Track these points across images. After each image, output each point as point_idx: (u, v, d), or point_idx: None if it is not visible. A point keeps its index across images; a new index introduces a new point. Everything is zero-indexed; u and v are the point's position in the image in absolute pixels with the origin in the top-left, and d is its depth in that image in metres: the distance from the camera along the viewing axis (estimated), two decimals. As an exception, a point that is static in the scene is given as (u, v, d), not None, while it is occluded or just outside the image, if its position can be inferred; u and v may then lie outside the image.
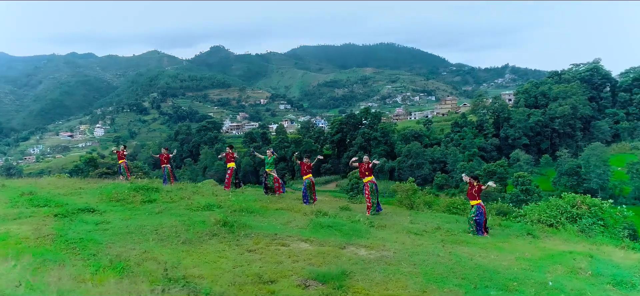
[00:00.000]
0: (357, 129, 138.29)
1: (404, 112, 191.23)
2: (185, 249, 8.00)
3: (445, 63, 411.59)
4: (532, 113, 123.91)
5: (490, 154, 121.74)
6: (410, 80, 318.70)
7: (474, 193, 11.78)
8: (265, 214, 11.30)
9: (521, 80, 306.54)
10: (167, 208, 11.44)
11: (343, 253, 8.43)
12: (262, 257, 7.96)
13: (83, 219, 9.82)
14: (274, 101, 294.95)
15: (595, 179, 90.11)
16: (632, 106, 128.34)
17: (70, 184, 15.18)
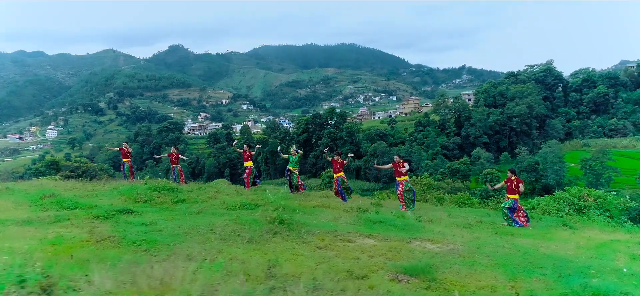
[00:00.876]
0: (323, 128, 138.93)
1: (367, 112, 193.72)
2: (254, 247, 7.78)
3: (405, 64, 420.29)
4: (492, 112, 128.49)
5: (453, 153, 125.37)
6: (372, 80, 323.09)
7: (513, 187, 12.08)
8: (308, 212, 11.17)
9: (477, 80, 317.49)
10: (204, 208, 11.09)
11: (412, 247, 8.46)
12: (337, 254, 7.88)
13: (126, 220, 9.37)
14: (236, 101, 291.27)
15: (552, 175, 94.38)
16: (582, 106, 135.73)
17: (72, 186, 14.42)
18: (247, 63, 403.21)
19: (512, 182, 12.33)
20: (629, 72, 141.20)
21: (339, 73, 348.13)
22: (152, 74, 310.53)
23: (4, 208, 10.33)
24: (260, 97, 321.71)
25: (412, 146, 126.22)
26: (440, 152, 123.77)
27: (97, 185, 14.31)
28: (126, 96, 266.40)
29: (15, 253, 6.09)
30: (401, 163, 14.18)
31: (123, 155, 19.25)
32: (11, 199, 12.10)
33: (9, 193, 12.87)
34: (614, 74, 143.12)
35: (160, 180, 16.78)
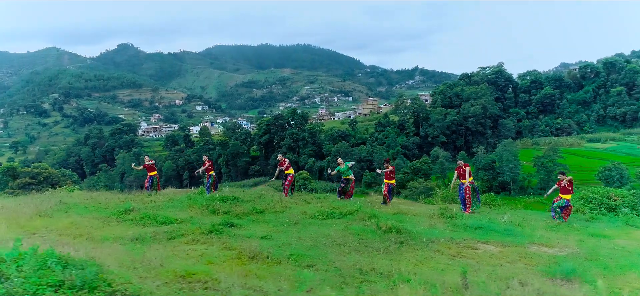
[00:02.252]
0: (285, 130, 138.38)
1: (327, 113, 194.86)
2: (394, 258, 7.69)
3: (360, 65, 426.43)
4: (448, 113, 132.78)
5: (412, 152, 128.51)
6: (328, 81, 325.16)
7: (567, 187, 12.44)
8: (400, 220, 10.92)
9: (430, 82, 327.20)
10: (294, 218, 10.86)
11: (532, 252, 8.68)
12: (477, 261, 7.91)
13: (238, 234, 9.08)
14: (190, 101, 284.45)
15: (508, 173, 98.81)
16: (531, 106, 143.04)
17: (115, 198, 13.65)
18: (201, 63, 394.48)
19: (564, 182, 12.64)
20: (572, 75, 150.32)
21: (295, 74, 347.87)
22: (100, 73, 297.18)
23: (94, 226, 9.62)
24: (215, 97, 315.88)
25: (373, 146, 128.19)
26: (401, 152, 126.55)
27: (139, 196, 13.59)
28: (72, 97, 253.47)
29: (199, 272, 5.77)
30: (463, 166, 14.41)
31: (149, 169, 18.65)
32: (85, 214, 11.31)
33: (72, 209, 11.95)
34: (559, 76, 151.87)
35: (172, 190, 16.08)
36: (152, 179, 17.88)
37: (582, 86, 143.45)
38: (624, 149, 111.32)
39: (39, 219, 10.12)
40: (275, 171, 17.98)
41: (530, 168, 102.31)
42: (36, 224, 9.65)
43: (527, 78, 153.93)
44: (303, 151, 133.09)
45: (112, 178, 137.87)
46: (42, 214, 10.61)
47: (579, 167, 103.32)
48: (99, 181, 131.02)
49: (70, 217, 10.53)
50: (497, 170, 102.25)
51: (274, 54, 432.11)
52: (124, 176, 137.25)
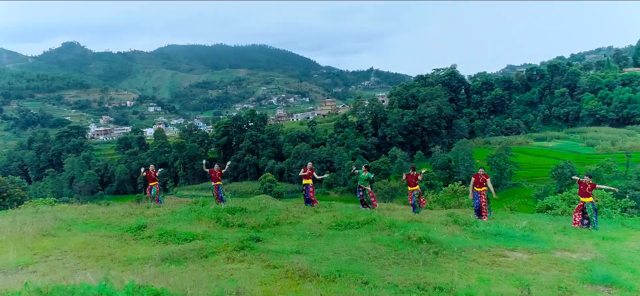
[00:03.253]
0: (244, 131, 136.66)
1: (285, 114, 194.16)
2: (436, 269, 7.74)
3: (316, 66, 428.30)
4: (405, 114, 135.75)
5: (371, 153, 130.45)
6: (285, 82, 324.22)
7: (588, 191, 12.58)
8: (418, 228, 11.04)
9: (385, 82, 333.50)
10: (314, 229, 10.71)
11: (558, 258, 8.94)
12: (515, 270, 8.03)
13: (270, 250, 8.78)
14: (142, 102, 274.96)
15: (463, 171, 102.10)
16: (483, 106, 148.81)
17: (110, 211, 12.85)
18: (153, 63, 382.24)
19: (587, 186, 12.62)
20: (520, 76, 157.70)
21: (251, 74, 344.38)
22: (43, 73, 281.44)
23: (111, 245, 9.00)
24: (169, 98, 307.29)
25: (333, 147, 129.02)
26: (360, 152, 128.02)
27: (139, 209, 12.88)
28: (13, 98, 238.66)
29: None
30: (485, 176, 14.34)
31: (150, 179, 17.50)
32: (91, 231, 10.59)
33: (73, 226, 11.16)
34: (508, 78, 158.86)
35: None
36: (152, 190, 16.89)
37: (529, 88, 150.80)
38: (568, 147, 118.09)
39: (45, 240, 9.41)
40: (234, 173, 17.47)
41: (484, 166, 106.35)
42: (45, 245, 8.96)
43: (478, 80, 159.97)
44: (262, 153, 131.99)
45: (60, 183, 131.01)
46: (46, 234, 9.88)
47: (529, 165, 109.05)
48: (46, 187, 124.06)
49: (77, 235, 9.86)
50: (454, 169, 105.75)
51: (229, 54, 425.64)
52: (73, 182, 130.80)
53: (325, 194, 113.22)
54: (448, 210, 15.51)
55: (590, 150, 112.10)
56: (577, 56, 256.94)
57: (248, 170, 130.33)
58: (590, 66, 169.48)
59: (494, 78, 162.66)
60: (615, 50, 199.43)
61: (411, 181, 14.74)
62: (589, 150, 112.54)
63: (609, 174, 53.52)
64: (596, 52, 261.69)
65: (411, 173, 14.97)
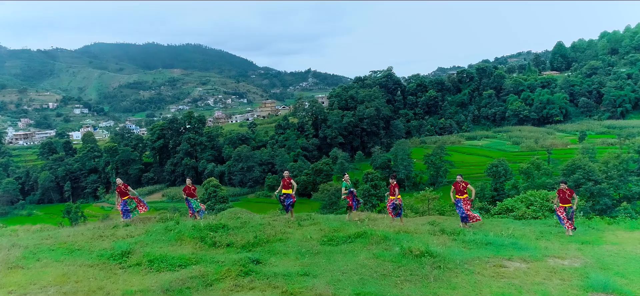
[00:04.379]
0: (181, 134, 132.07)
1: (224, 116, 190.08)
2: (450, 285, 7.81)
3: (254, 66, 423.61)
4: (345, 115, 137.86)
5: (312, 154, 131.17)
6: (222, 82, 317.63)
7: (567, 197, 13.18)
8: (408, 239, 10.95)
9: (322, 84, 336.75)
10: (313, 247, 10.43)
11: (553, 265, 9.23)
12: (521, 281, 8.22)
13: (272, 272, 8.45)
14: (67, 104, 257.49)
15: (402, 170, 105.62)
16: (418, 108, 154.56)
17: (75, 233, 11.65)
18: (78, 62, 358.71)
19: (565, 193, 13.28)
20: (451, 79, 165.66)
21: (186, 74, 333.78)
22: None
23: (98, 277, 8.08)
24: (96, 99, 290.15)
25: (275, 149, 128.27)
26: (301, 153, 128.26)
27: (109, 230, 11.76)
28: None
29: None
30: (464, 184, 14.26)
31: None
32: (64, 259, 9.51)
33: (40, 254, 9.95)
34: (440, 80, 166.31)
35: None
36: (125, 204, 15.41)
37: (460, 89, 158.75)
38: (497, 146, 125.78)
39: (15, 274, 8.28)
40: (172, 176, 16.84)
41: (421, 165, 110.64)
42: (17, 280, 7.88)
43: (413, 82, 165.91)
44: (201, 156, 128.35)
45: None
46: (13, 266, 8.70)
47: (462, 163, 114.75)
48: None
49: (51, 266, 8.80)
50: (393, 168, 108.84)
51: (161, 53, 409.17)
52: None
53: (268, 196, 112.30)
54: (427, 218, 15.76)
55: (516, 148, 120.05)
56: (500, 59, 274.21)
57: (186, 174, 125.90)
58: (513, 69, 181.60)
59: (427, 80, 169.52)
60: (534, 54, 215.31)
61: (391, 190, 14.80)
62: (515, 148, 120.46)
63: (539, 171, 57.78)
64: (517, 56, 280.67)
65: (392, 183, 15.02)
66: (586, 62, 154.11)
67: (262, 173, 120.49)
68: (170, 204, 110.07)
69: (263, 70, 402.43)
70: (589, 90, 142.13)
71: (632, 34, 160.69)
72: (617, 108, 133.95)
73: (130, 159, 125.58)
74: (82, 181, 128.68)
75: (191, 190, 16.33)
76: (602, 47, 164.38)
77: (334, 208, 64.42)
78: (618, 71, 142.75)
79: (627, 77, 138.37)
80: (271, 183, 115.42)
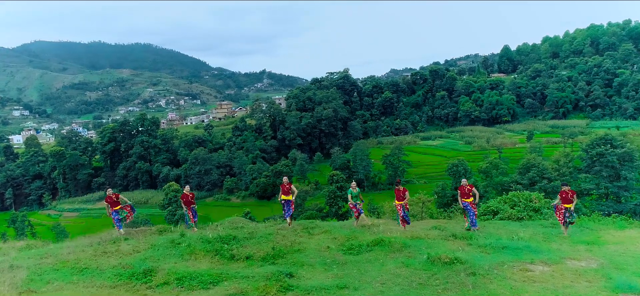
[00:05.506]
0: (134, 137, 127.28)
1: (178, 117, 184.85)
2: (489, 293, 7.94)
3: (207, 67, 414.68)
4: (303, 116, 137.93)
5: (271, 155, 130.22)
6: (173, 83, 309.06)
7: (569, 198, 13.62)
8: (426, 245, 11.00)
9: (278, 85, 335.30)
10: (338, 257, 10.20)
11: (573, 267, 9.54)
12: (553, 285, 8.39)
13: (307, 286, 8.25)
14: (5, 106, 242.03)
15: (361, 171, 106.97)
16: (374, 109, 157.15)
17: (73, 248, 10.77)
18: (16, 61, 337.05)
19: (567, 193, 13.74)
20: (406, 80, 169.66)
21: (136, 75, 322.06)
22: None
23: None
24: (38, 101, 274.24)
25: (232, 151, 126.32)
26: (260, 155, 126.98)
27: (111, 245, 10.96)
28: None
29: None
30: (469, 187, 14.20)
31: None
32: (77, 280, 8.81)
33: (47, 276, 9.11)
34: (395, 82, 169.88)
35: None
36: (117, 214, 14.33)
37: (414, 91, 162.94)
38: (450, 145, 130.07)
39: None
40: (124, 182, 16.11)
41: (380, 165, 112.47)
42: None
43: (369, 83, 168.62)
44: (156, 159, 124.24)
45: None
46: (25, 291, 7.93)
47: (418, 162, 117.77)
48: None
49: (66, 289, 8.03)
50: (352, 169, 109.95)
51: (109, 52, 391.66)
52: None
53: (227, 199, 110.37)
54: (427, 222, 15.92)
55: (469, 147, 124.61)
56: (450, 61, 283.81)
57: (140, 178, 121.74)
58: (464, 71, 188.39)
59: (383, 82, 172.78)
60: (482, 57, 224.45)
61: (398, 195, 14.70)
62: (467, 147, 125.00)
63: (497, 171, 60.32)
64: (466, 59, 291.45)
65: (398, 188, 14.93)
66: (531, 65, 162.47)
67: (220, 176, 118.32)
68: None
69: (217, 70, 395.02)
70: (534, 91, 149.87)
71: (571, 39, 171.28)
72: (559, 109, 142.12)
73: (79, 163, 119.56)
74: (25, 187, 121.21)
75: (189, 198, 15.56)
76: (545, 51, 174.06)
77: (299, 210, 64.15)
78: (559, 74, 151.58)
79: (567, 80, 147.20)
80: (230, 185, 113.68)
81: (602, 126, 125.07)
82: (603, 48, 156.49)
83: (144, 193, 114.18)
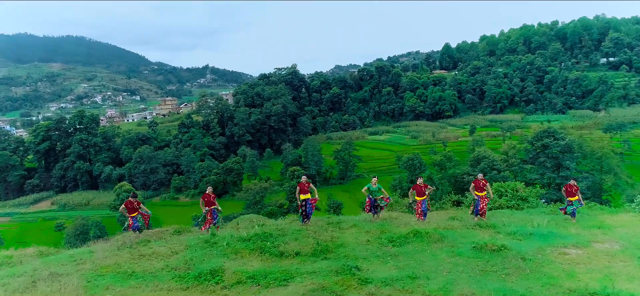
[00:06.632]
0: (71, 135, 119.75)
1: (118, 114, 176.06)
2: (547, 275, 8.26)
3: (146, 61, 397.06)
4: (252, 112, 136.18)
5: (220, 153, 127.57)
6: (110, 78, 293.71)
7: (574, 191, 14.51)
8: (462, 235, 11.17)
9: (222, 80, 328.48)
10: (387, 250, 10.11)
11: (604, 249, 10.12)
12: (598, 266, 8.85)
13: (385, 278, 8.36)
14: None
15: (313, 166, 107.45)
16: (322, 104, 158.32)
17: (116, 253, 9.94)
18: None
19: (572, 187, 14.63)
20: (353, 77, 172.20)
21: (68, 69, 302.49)
22: None
23: None
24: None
25: (179, 149, 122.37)
26: (208, 153, 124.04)
27: (144, 248, 10.21)
28: None
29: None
30: (484, 182, 14.43)
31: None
32: (140, 285, 8.37)
33: (95, 280, 8.29)
34: (343, 78, 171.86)
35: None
36: (137, 221, 13.17)
37: (361, 87, 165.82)
38: (397, 140, 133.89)
39: None
40: (61, 182, 15.40)
41: (331, 161, 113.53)
42: None
43: (317, 79, 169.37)
44: (96, 159, 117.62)
45: None
46: None
47: (367, 157, 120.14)
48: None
49: (136, 295, 7.50)
50: (304, 164, 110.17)
51: (37, 45, 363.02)
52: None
53: (175, 199, 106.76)
54: (437, 213, 16.21)
55: (415, 142, 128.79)
56: (393, 58, 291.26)
57: (80, 179, 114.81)
58: (407, 67, 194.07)
59: (330, 77, 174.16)
60: (423, 54, 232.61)
61: (420, 191, 14.68)
62: (414, 142, 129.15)
63: (450, 163, 62.88)
64: (407, 56, 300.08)
65: (419, 184, 14.91)
66: (470, 62, 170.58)
67: (167, 175, 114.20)
68: (63, 213, 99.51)
69: (157, 65, 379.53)
70: (473, 87, 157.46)
71: (505, 37, 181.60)
72: (497, 104, 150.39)
73: (9, 164, 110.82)
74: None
75: (211, 198, 14.68)
76: (482, 49, 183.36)
77: (258, 207, 63.42)
78: (496, 71, 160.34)
79: (503, 76, 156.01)
80: (178, 184, 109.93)
81: (535, 120, 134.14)
82: (535, 47, 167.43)
83: (84, 194, 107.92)
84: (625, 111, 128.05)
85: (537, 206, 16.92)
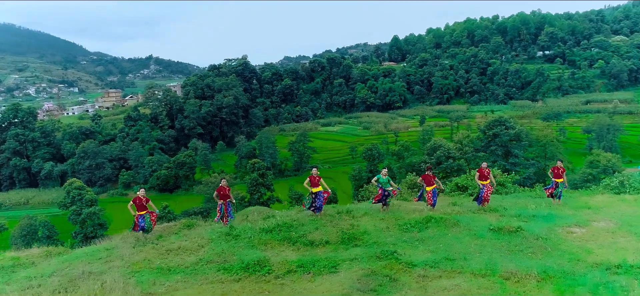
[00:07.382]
0: (5, 130, 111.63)
1: (57, 107, 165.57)
2: (564, 252, 8.99)
3: (84, 51, 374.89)
4: (203, 104, 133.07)
5: (170, 146, 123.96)
6: (44, 69, 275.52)
7: (560, 173, 15.30)
8: (475, 220, 11.61)
9: (167, 71, 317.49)
10: (414, 236, 10.44)
11: (603, 228, 10.82)
12: (605, 242, 9.41)
13: (423, 261, 8.62)
14: None
15: (268, 158, 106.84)
16: (274, 96, 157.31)
17: (141, 250, 9.36)
18: None
19: (559, 170, 15.46)
20: (305, 68, 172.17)
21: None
22: None
23: (259, 290, 7.53)
24: None
25: (126, 143, 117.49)
26: (157, 146, 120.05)
27: (170, 243, 9.71)
28: None
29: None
30: (487, 171, 14.83)
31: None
32: (191, 280, 8.30)
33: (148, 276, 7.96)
34: (295, 69, 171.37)
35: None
36: (143, 219, 12.28)
37: (313, 78, 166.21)
38: (350, 131, 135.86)
39: None
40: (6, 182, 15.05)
41: (286, 153, 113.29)
42: None
43: (268, 71, 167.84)
44: (35, 155, 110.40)
45: None
46: (147, 293, 6.79)
47: (320, 148, 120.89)
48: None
49: (183, 290, 7.13)
50: (258, 156, 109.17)
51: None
52: None
53: (123, 195, 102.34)
54: (451, 199, 16.58)
55: (367, 132, 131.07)
56: (341, 49, 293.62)
57: (16, 176, 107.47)
58: (358, 59, 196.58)
59: (281, 69, 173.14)
60: (372, 46, 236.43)
61: (429, 181, 14.83)
62: (366, 132, 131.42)
63: (408, 153, 64.68)
64: (356, 47, 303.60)
65: (428, 174, 15.07)
66: (418, 55, 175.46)
67: (114, 170, 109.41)
68: (0, 213, 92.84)
69: (95, 55, 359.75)
70: (421, 79, 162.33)
71: (451, 31, 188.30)
72: (444, 95, 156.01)
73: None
74: None
75: (227, 191, 14.20)
76: (429, 41, 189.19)
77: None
78: (443, 63, 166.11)
79: (449, 68, 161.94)
80: (126, 180, 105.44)
81: (479, 110, 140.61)
82: (478, 40, 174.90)
83: (23, 193, 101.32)
84: (560, 101, 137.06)
85: (514, 191, 18.01)
